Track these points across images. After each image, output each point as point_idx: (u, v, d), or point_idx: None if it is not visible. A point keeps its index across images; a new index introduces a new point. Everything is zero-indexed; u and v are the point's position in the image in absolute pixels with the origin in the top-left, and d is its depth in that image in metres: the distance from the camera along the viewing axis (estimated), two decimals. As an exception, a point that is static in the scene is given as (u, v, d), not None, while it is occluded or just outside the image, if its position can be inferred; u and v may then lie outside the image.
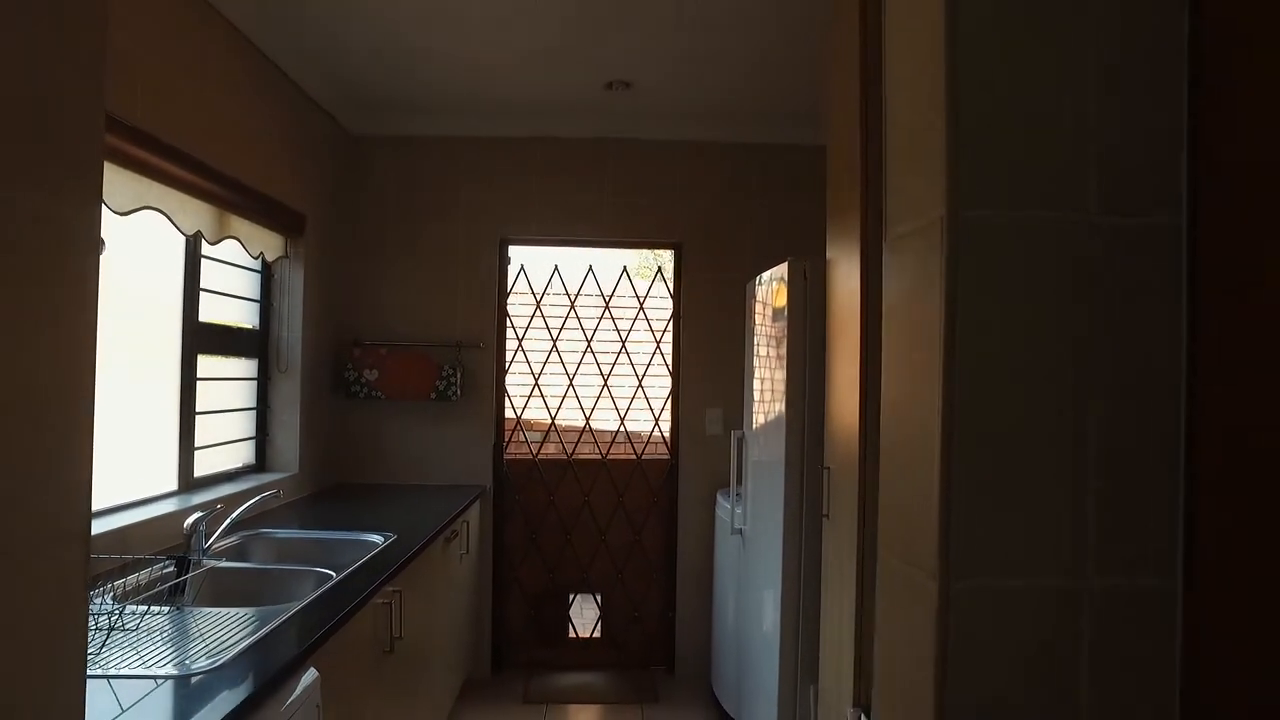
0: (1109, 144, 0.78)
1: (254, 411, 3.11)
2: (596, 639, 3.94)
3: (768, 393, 2.79)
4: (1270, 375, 0.69)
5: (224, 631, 1.55)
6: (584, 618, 3.99)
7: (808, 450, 2.47)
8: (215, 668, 1.36)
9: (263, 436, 3.16)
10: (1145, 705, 0.78)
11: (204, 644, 1.48)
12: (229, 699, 1.25)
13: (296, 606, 1.75)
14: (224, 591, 2.07)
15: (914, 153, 0.85)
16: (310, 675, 1.53)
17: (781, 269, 2.60)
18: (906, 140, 0.87)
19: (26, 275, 0.67)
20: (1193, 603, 0.77)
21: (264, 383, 3.17)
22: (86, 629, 0.87)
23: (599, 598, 3.94)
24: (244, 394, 3.04)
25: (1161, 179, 0.78)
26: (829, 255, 1.73)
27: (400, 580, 2.20)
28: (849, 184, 1.49)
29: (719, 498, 3.59)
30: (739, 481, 3.17)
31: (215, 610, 1.71)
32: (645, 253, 3.89)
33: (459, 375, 3.63)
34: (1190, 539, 0.77)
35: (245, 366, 3.07)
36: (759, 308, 2.99)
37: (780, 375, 2.58)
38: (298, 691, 1.45)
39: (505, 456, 3.84)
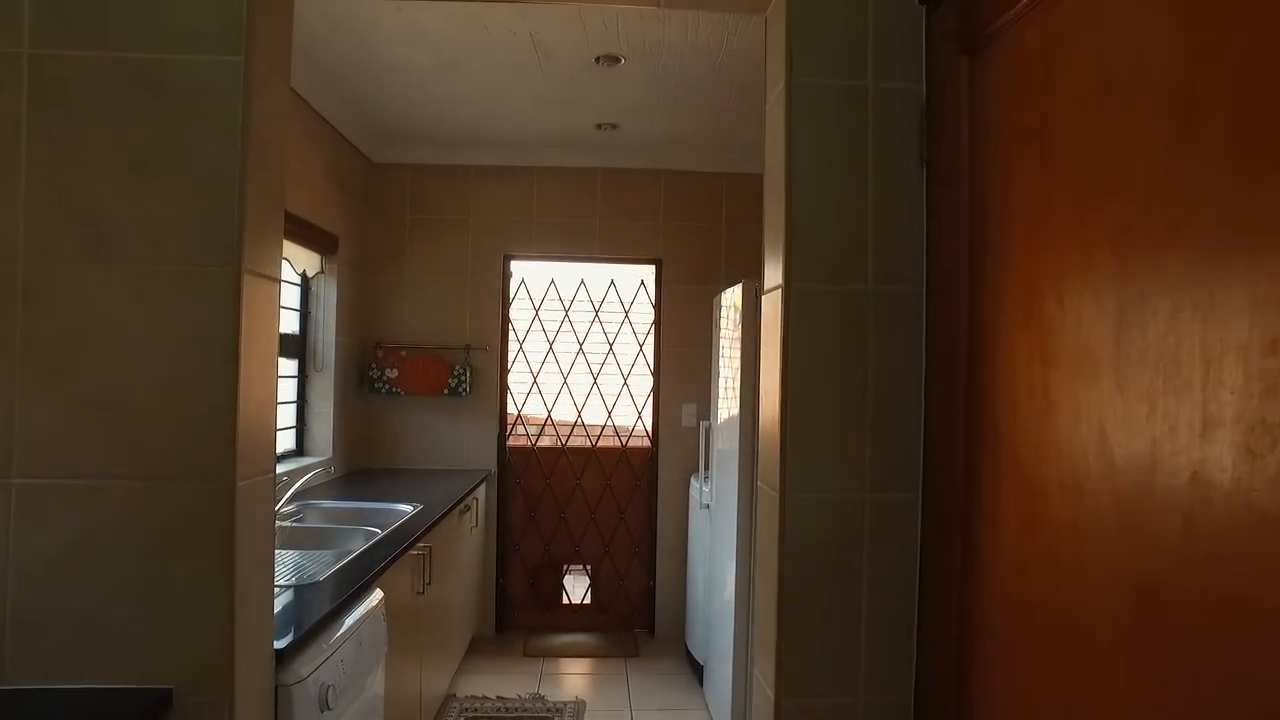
0: (879, 247, 1.35)
1: (294, 405, 3.67)
2: (586, 604, 4.51)
3: (729, 390, 3.36)
4: (951, 370, 1.26)
5: (313, 564, 2.11)
6: (576, 586, 4.56)
7: (755, 438, 3.04)
8: (318, 581, 1.93)
9: (301, 426, 3.72)
10: (901, 564, 1.35)
11: (301, 571, 2.04)
12: (336, 597, 1.81)
13: (358, 550, 2.31)
14: (294, 545, 2.62)
15: (773, 247, 1.42)
16: (377, 594, 2.10)
17: (739, 287, 3.17)
18: (771, 240, 1.44)
19: (253, 300, 1.24)
20: (924, 506, 1.34)
21: (303, 380, 3.72)
22: (274, 531, 1.44)
23: (589, 568, 4.51)
24: (287, 390, 3.59)
25: (908, 266, 1.35)
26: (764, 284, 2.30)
27: (429, 539, 2.75)
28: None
29: (692, 480, 4.16)
30: (707, 466, 3.74)
31: (299, 552, 2.27)
32: (630, 267, 4.45)
33: (468, 374, 4.19)
34: (924, 471, 1.34)
35: (289, 366, 3.63)
36: (724, 318, 3.56)
37: (736, 376, 3.14)
38: (373, 602, 2.02)
39: (508, 445, 4.40)
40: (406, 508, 3.03)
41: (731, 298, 3.29)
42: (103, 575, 1.28)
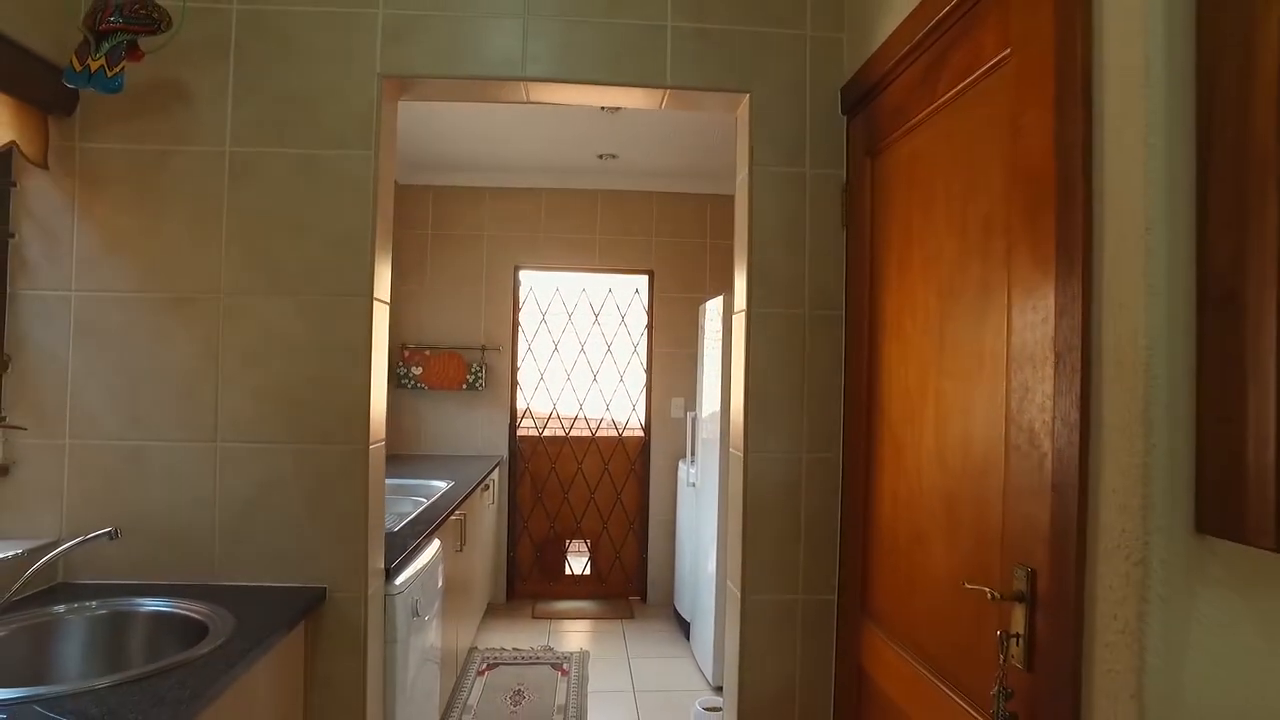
0: (813, 283, 1.96)
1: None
2: (587, 575, 5.11)
3: (711, 386, 3.96)
4: (858, 368, 1.87)
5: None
6: (577, 558, 5.16)
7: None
8: (393, 530, 2.52)
9: (342, 416, 4.28)
10: (827, 501, 1.96)
11: (377, 523, 2.62)
12: (412, 539, 2.40)
13: (414, 513, 2.89)
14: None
15: (740, 282, 2.03)
16: (435, 543, 2.69)
17: (721, 299, 3.77)
18: (739, 276, 2.05)
19: (378, 320, 1.82)
20: (843, 460, 1.95)
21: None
22: (384, 488, 2.03)
23: (589, 543, 5.10)
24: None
25: (833, 297, 1.96)
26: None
27: (463, 508, 3.34)
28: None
29: (680, 464, 4.76)
30: (693, 451, 4.35)
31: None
32: (626, 277, 5.04)
33: (484, 371, 4.78)
34: (843, 437, 1.95)
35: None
36: (707, 324, 4.16)
37: (719, 374, 3.75)
38: (434, 549, 2.61)
39: (517, 434, 4.99)
40: (441, 483, 3.61)
41: (715, 307, 3.89)
42: (280, 509, 1.87)
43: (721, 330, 3.69)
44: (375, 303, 1.90)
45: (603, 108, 3.64)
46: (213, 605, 1.72)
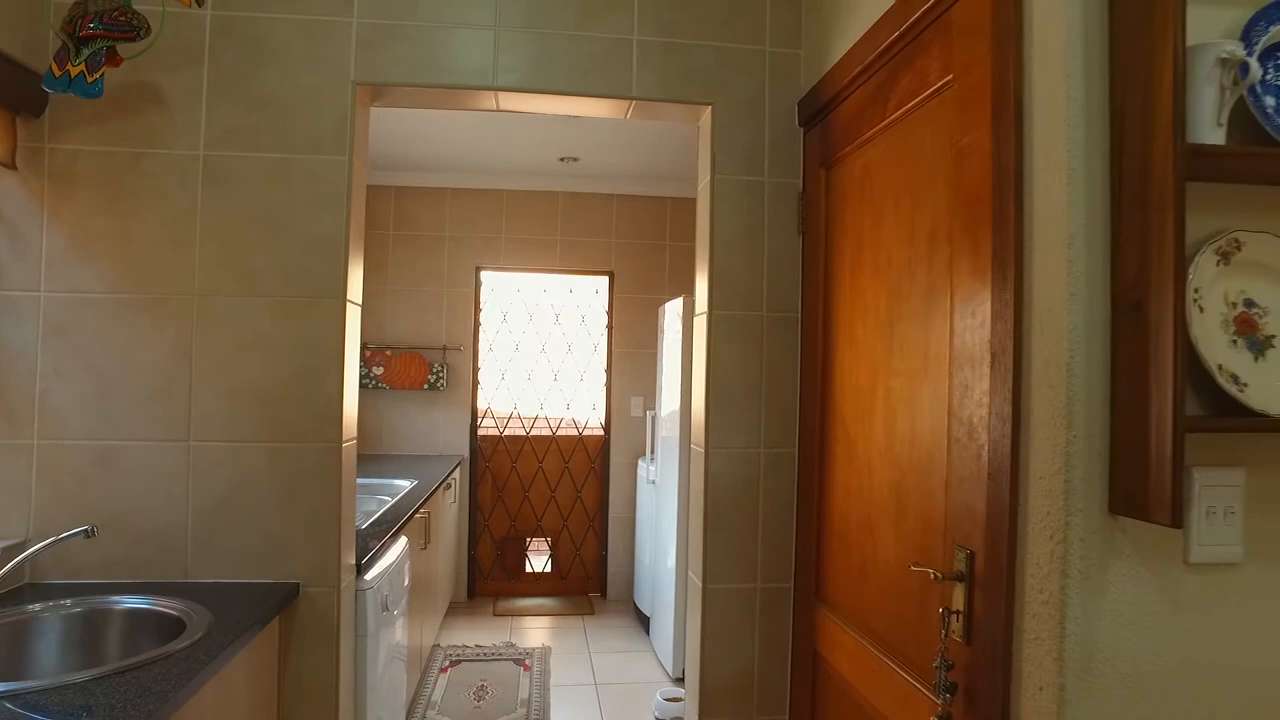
0: (771, 287, 2.06)
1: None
2: (547, 572, 5.17)
3: (671, 386, 4.06)
4: (813, 368, 1.98)
5: (351, 516, 2.72)
6: (538, 556, 5.21)
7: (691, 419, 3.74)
8: (361, 527, 2.56)
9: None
10: (784, 494, 2.06)
11: (344, 521, 2.65)
12: (380, 537, 2.45)
13: (379, 511, 2.93)
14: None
15: (701, 286, 2.13)
16: (403, 540, 2.73)
17: (681, 301, 3.87)
18: (701, 280, 2.14)
19: (351, 321, 1.88)
20: (799, 456, 2.06)
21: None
22: (355, 483, 2.08)
23: (549, 541, 5.17)
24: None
25: (789, 300, 2.07)
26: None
27: (427, 506, 3.39)
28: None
29: (640, 462, 4.85)
30: (652, 450, 4.44)
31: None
32: (586, 278, 5.12)
33: (445, 371, 4.81)
34: (799, 433, 2.06)
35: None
36: (666, 324, 4.25)
37: (678, 373, 3.84)
38: (403, 547, 2.65)
39: (478, 433, 5.03)
40: (405, 483, 3.65)
41: (675, 309, 3.99)
42: (254, 506, 1.91)
43: (681, 331, 3.79)
44: (348, 304, 1.95)
45: (565, 113, 3.71)
46: (188, 602, 1.75)
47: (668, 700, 3.43)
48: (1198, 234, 1.08)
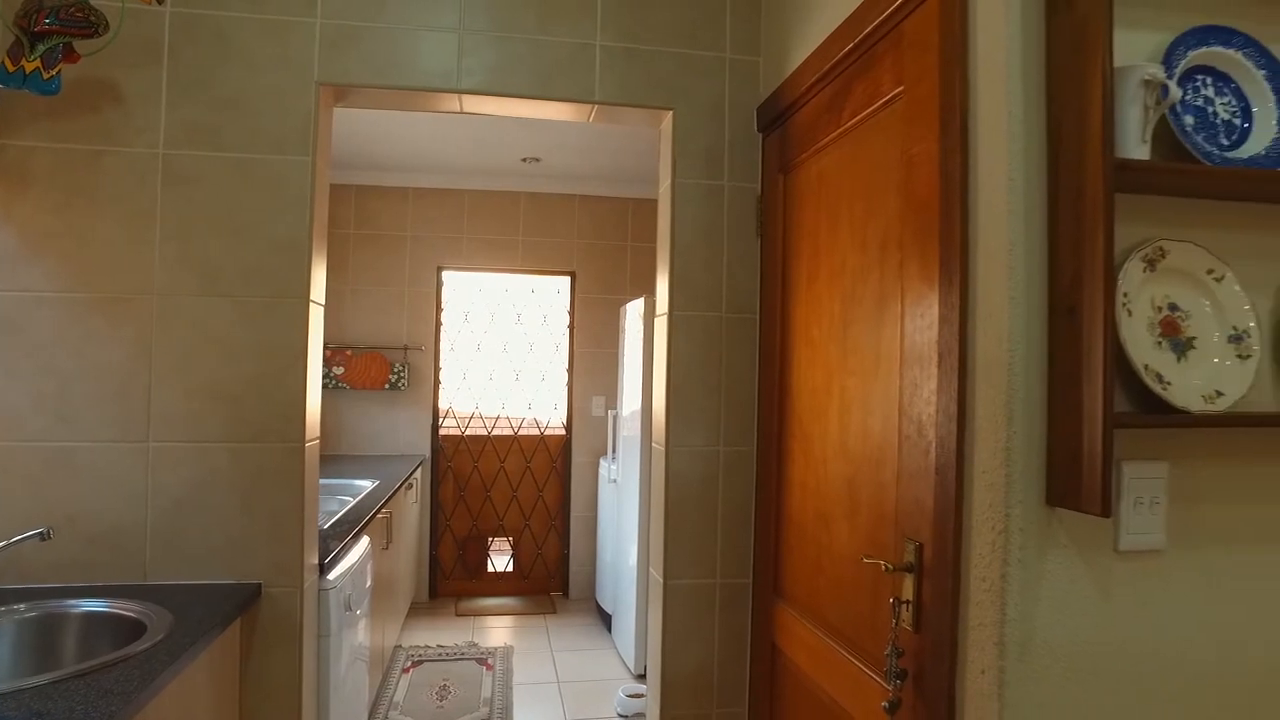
0: (731, 288, 2.11)
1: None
2: (509, 572, 5.18)
3: (632, 385, 4.10)
4: (771, 368, 2.03)
5: (312, 517, 2.72)
6: (499, 556, 5.22)
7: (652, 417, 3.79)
8: (324, 527, 2.55)
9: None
10: (743, 491, 2.12)
11: (305, 521, 2.65)
12: (342, 537, 2.45)
13: (341, 511, 2.92)
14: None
15: (662, 287, 2.17)
16: (365, 540, 2.73)
17: (642, 301, 3.91)
18: (661, 282, 2.19)
19: (314, 321, 1.89)
20: (757, 453, 2.11)
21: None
22: (318, 480, 2.08)
23: (511, 540, 5.17)
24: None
25: (748, 301, 2.13)
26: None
27: (389, 506, 3.38)
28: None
29: (601, 461, 4.89)
30: (614, 449, 4.48)
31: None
32: (548, 278, 5.14)
33: (406, 371, 4.79)
34: (757, 431, 2.12)
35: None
36: (628, 324, 4.29)
37: (639, 372, 3.89)
38: (365, 547, 2.65)
39: (440, 433, 5.01)
40: (366, 483, 3.64)
41: (636, 309, 4.03)
42: (215, 506, 1.90)
43: (642, 331, 3.83)
44: (311, 304, 1.96)
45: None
46: (148, 604, 1.74)
47: (630, 696, 3.47)
48: (1127, 242, 1.16)
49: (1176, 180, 1.13)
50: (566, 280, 5.17)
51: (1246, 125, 1.16)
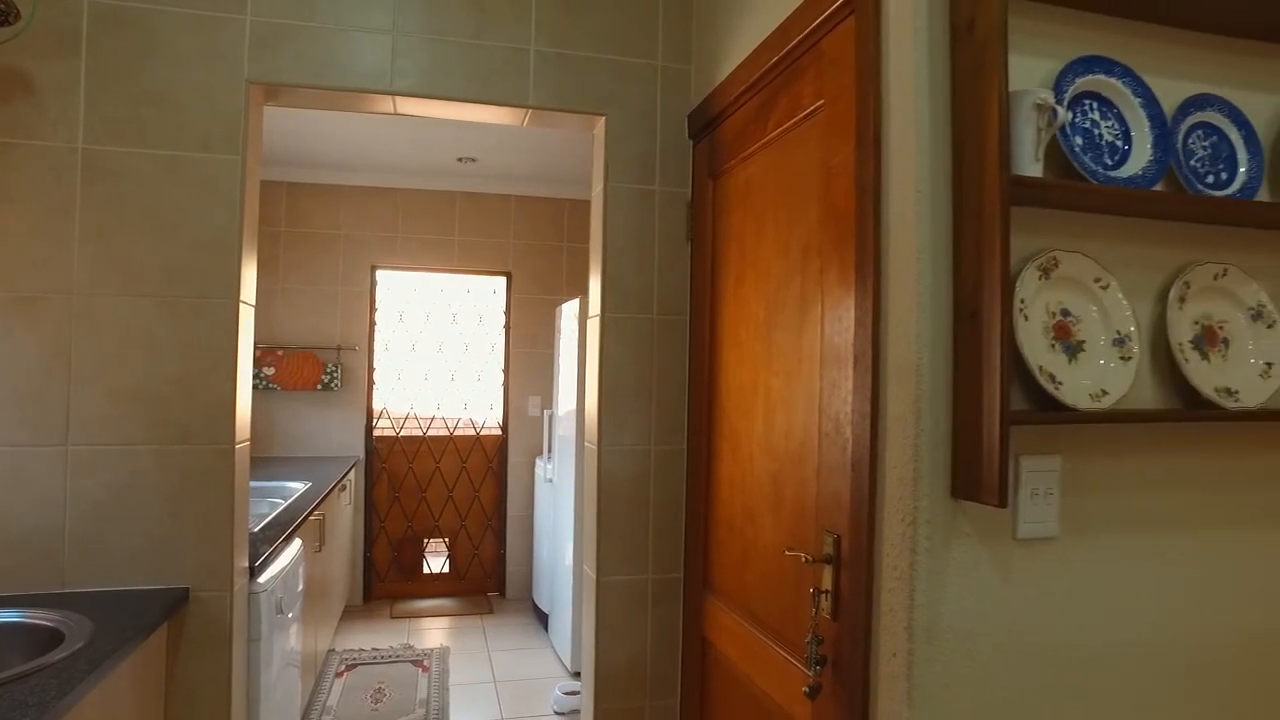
0: (661, 291, 2.17)
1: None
2: (445, 573, 5.15)
3: (567, 385, 4.13)
4: (700, 368, 2.09)
5: (241, 520, 2.67)
6: (435, 557, 5.18)
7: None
8: (254, 530, 2.51)
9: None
10: (674, 489, 2.17)
11: (233, 525, 2.60)
12: (273, 540, 2.41)
13: (271, 514, 2.88)
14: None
15: (595, 289, 2.21)
16: (297, 542, 2.70)
17: (577, 302, 3.94)
18: (594, 284, 2.23)
19: (244, 321, 1.87)
20: (688, 451, 2.17)
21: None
22: (248, 481, 2.05)
23: (447, 541, 5.14)
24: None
25: (679, 303, 2.18)
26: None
27: (322, 508, 3.34)
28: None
29: (537, 461, 4.90)
30: (550, 448, 4.50)
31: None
32: (484, 278, 5.12)
33: (339, 371, 4.71)
34: (687, 430, 2.18)
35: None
36: (563, 325, 4.32)
37: (572, 374, 3.92)
38: (297, 549, 2.62)
39: (374, 434, 4.95)
40: (298, 485, 3.58)
41: (571, 310, 4.06)
42: (139, 510, 1.87)
43: (578, 332, 3.86)
44: (241, 305, 1.93)
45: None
46: (66, 612, 1.70)
47: (567, 694, 3.50)
48: (1024, 252, 1.24)
49: (1067, 196, 1.22)
50: (503, 280, 5.16)
51: (1127, 147, 1.26)
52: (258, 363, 4.58)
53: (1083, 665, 1.27)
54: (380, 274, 4.98)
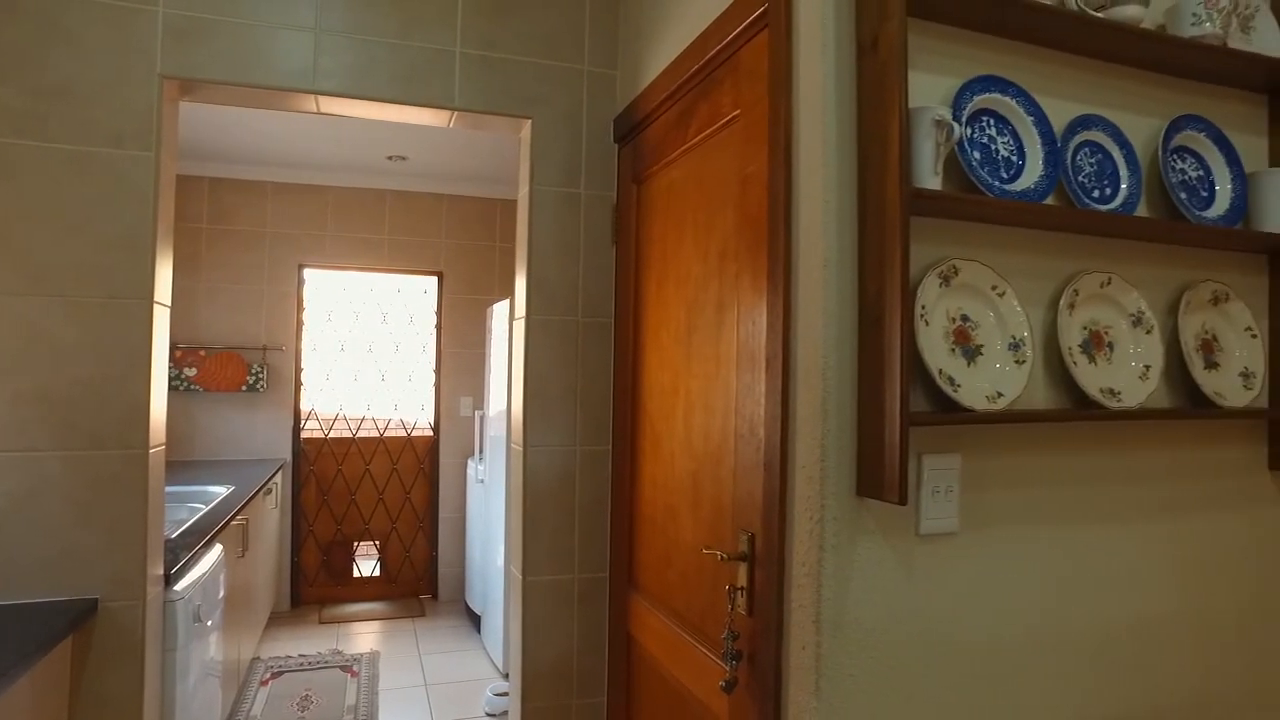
0: (586, 293, 2.19)
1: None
2: (376, 576, 5.07)
3: (499, 386, 4.11)
4: (624, 371, 2.12)
5: (157, 526, 2.59)
6: (366, 560, 5.09)
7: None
8: (171, 537, 2.44)
9: (99, 421, 3.96)
10: (599, 489, 2.20)
11: (149, 531, 2.52)
12: (191, 547, 2.35)
13: (191, 520, 2.80)
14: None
15: (520, 291, 2.22)
16: (218, 548, 2.63)
17: (506, 302, 3.93)
18: (519, 286, 2.23)
19: (158, 323, 1.82)
20: (613, 452, 2.20)
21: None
22: (163, 484, 2.00)
23: (378, 544, 5.06)
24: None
25: (603, 305, 2.21)
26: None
27: (245, 512, 3.26)
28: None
29: (469, 461, 4.86)
30: (481, 449, 4.48)
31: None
32: (415, 278, 5.06)
33: (265, 372, 4.60)
34: (612, 431, 2.20)
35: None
36: (494, 325, 4.30)
37: (503, 375, 3.91)
38: (217, 555, 2.55)
39: (302, 436, 4.84)
40: (220, 489, 3.48)
41: (502, 310, 4.05)
42: (45, 519, 1.80)
43: (508, 332, 3.85)
44: (156, 306, 1.88)
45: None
46: (-39, 625, 1.63)
47: (498, 695, 3.49)
48: (926, 260, 1.30)
49: (965, 207, 1.29)
50: (434, 280, 5.11)
51: (1021, 162, 1.34)
52: (179, 363, 4.44)
53: (982, 653, 1.34)
54: (308, 273, 4.88)
